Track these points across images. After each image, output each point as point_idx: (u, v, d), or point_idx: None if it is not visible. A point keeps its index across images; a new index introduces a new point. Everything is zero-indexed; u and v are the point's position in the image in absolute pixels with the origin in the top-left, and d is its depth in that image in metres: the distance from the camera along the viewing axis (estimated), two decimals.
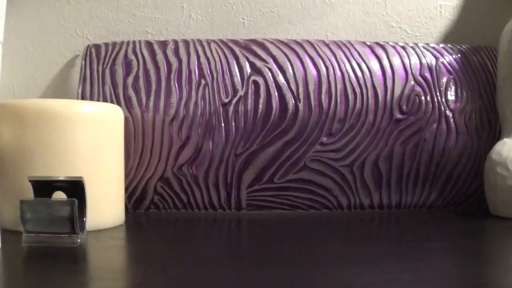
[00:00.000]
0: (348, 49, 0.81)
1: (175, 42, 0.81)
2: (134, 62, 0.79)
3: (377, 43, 0.83)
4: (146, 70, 0.78)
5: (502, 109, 0.79)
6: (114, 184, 0.65)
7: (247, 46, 0.80)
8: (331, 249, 0.54)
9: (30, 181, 0.55)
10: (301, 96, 0.78)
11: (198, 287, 0.40)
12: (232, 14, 0.91)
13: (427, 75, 0.81)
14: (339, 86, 0.79)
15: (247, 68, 0.78)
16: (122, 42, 0.82)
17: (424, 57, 0.82)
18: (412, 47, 0.83)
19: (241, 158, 0.77)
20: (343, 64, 0.80)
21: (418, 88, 0.80)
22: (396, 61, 0.81)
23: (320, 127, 0.78)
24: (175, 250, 0.55)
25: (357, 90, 0.79)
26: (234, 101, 0.77)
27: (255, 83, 0.78)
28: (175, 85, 0.77)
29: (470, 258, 0.50)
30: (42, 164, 0.59)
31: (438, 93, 0.80)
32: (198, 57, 0.79)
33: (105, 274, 0.46)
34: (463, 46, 0.85)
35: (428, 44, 0.85)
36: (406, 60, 0.81)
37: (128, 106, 0.76)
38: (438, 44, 0.85)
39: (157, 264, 0.49)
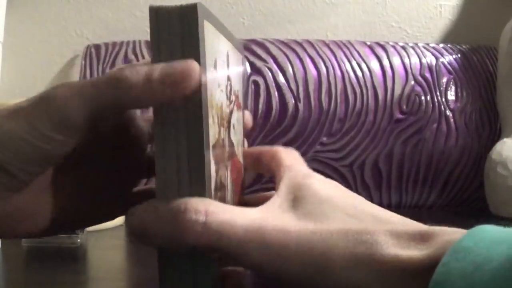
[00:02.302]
0: (348, 49, 0.81)
1: None
2: (134, 62, 0.79)
3: (377, 43, 0.83)
4: None
5: (502, 109, 0.79)
6: None
7: (247, 46, 0.80)
8: None
9: None
10: (301, 96, 0.78)
11: None
12: (232, 14, 0.90)
13: (427, 75, 0.81)
14: (339, 86, 0.79)
15: (247, 68, 0.78)
16: (122, 42, 0.82)
17: (424, 57, 0.82)
18: (412, 47, 0.83)
19: None
20: (343, 64, 0.80)
21: (418, 88, 0.80)
22: (396, 61, 0.81)
23: (320, 127, 0.77)
24: None
25: (357, 90, 0.79)
26: None
27: (255, 83, 0.78)
28: None
29: None
30: None
31: (438, 93, 0.80)
32: None
33: (105, 274, 0.46)
34: (463, 46, 0.85)
35: (428, 44, 0.85)
36: (406, 60, 0.81)
37: None
38: (438, 44, 0.85)
39: (157, 264, 0.49)
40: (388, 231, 0.23)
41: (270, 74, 0.78)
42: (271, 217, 0.24)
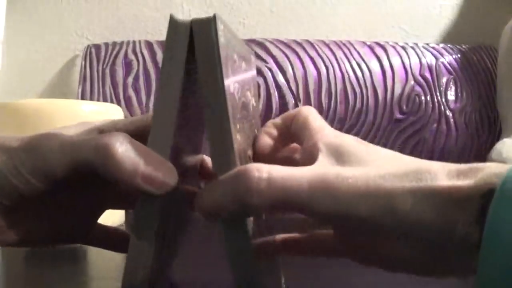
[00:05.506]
0: (348, 49, 0.81)
1: None
2: (134, 62, 0.79)
3: (377, 43, 0.83)
4: (146, 70, 0.78)
5: (502, 109, 0.79)
6: None
7: (247, 46, 0.80)
8: None
9: None
10: (301, 96, 0.78)
11: (198, 287, 0.40)
12: (232, 14, 0.90)
13: (427, 75, 0.81)
14: (339, 86, 0.79)
15: None
16: (122, 42, 0.82)
17: (424, 57, 0.82)
18: (412, 47, 0.83)
19: None
20: (343, 64, 0.80)
21: (418, 88, 0.80)
22: (396, 61, 0.81)
23: None
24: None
25: (357, 90, 0.79)
26: None
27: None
28: None
29: None
30: None
31: (438, 93, 0.80)
32: None
33: (105, 274, 0.46)
34: (463, 46, 0.85)
35: (428, 44, 0.85)
36: (406, 60, 0.81)
37: (128, 106, 0.76)
38: (438, 44, 0.85)
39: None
40: (441, 166, 0.25)
41: (270, 74, 0.78)
42: (329, 169, 0.26)
